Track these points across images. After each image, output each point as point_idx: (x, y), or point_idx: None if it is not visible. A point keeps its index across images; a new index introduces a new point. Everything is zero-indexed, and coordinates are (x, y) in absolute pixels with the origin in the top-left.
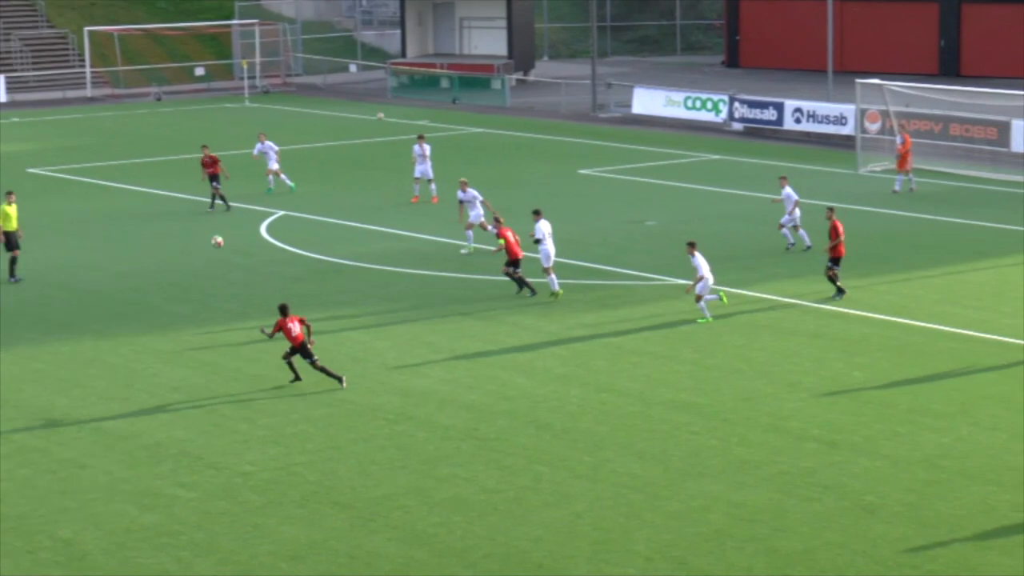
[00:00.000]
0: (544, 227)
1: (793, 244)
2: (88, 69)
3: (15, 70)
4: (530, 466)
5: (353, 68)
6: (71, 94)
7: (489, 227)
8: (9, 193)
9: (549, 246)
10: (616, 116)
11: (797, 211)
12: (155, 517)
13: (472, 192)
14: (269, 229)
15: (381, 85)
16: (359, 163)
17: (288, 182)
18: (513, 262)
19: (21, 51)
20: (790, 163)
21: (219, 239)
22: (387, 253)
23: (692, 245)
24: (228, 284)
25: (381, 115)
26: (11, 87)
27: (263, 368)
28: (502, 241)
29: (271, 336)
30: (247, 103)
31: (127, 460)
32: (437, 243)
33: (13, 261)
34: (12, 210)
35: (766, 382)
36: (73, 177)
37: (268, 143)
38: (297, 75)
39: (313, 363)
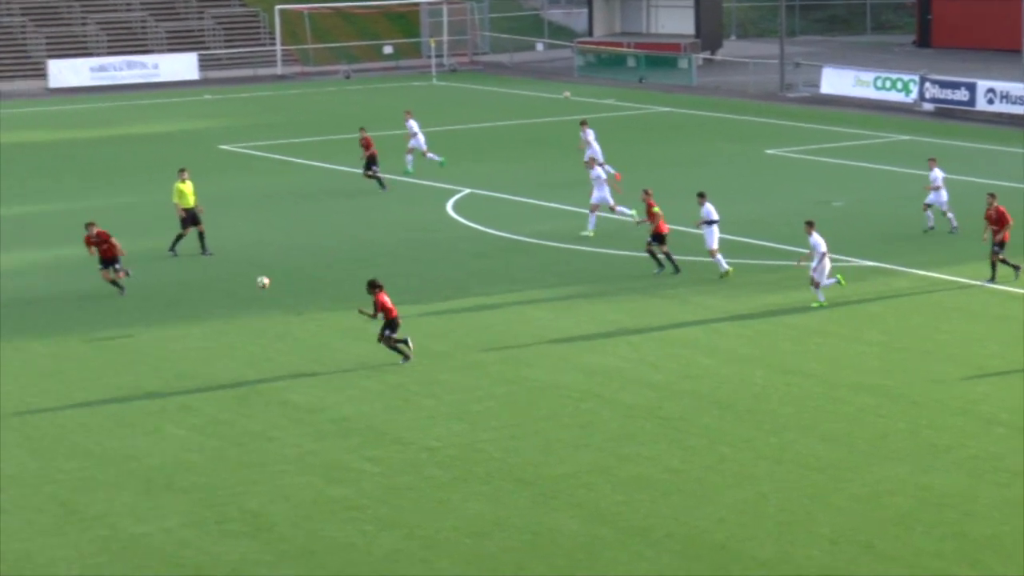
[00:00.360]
0: (711, 208)
1: (932, 227)
2: (279, 47)
3: (208, 48)
4: (714, 446)
5: (540, 47)
6: (261, 72)
7: (618, 209)
8: (181, 171)
9: (715, 228)
10: (804, 96)
11: (943, 193)
12: (342, 490)
13: (597, 171)
14: (455, 206)
15: (567, 64)
16: (544, 142)
17: (408, 166)
18: (658, 236)
19: (214, 29)
20: (982, 144)
21: (265, 281)
22: (570, 231)
23: (810, 224)
24: (412, 261)
25: (567, 94)
26: (203, 65)
27: (447, 344)
28: (658, 210)
29: (374, 316)
30: (434, 81)
31: (315, 434)
32: (618, 222)
33: (200, 236)
34: (187, 187)
35: (954, 365)
36: (262, 154)
37: (411, 122)
38: (484, 54)
39: (385, 336)
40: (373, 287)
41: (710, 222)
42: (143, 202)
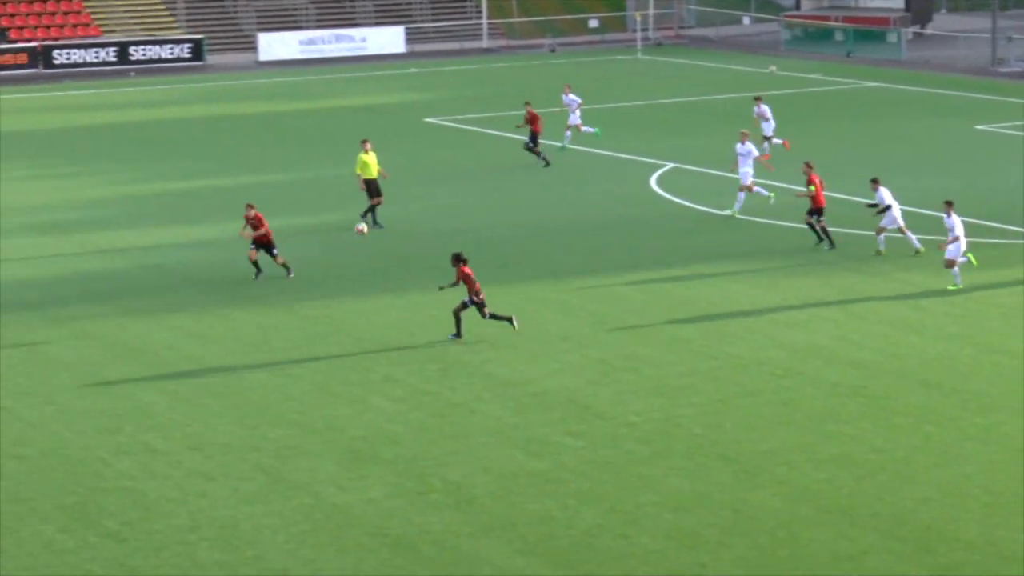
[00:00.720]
0: (886, 193)
1: None
2: (484, 21)
3: (414, 21)
4: (919, 426)
5: (746, 20)
6: (467, 45)
7: (755, 188)
8: (364, 141)
9: (895, 209)
10: (1016, 71)
11: None
12: (542, 464)
13: (749, 146)
14: (659, 181)
15: (774, 38)
16: (749, 116)
17: (591, 129)
18: (817, 210)
19: (421, 3)
20: None
21: (363, 227)
22: (774, 206)
23: (949, 204)
24: (618, 236)
25: (773, 68)
26: (410, 38)
27: (649, 319)
28: (812, 187)
29: (455, 284)
30: (639, 55)
31: (516, 407)
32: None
33: (372, 208)
34: (369, 158)
35: None
36: (467, 127)
37: (571, 96)
38: (690, 27)
39: (483, 311)
40: (458, 260)
41: (883, 209)
42: (349, 174)
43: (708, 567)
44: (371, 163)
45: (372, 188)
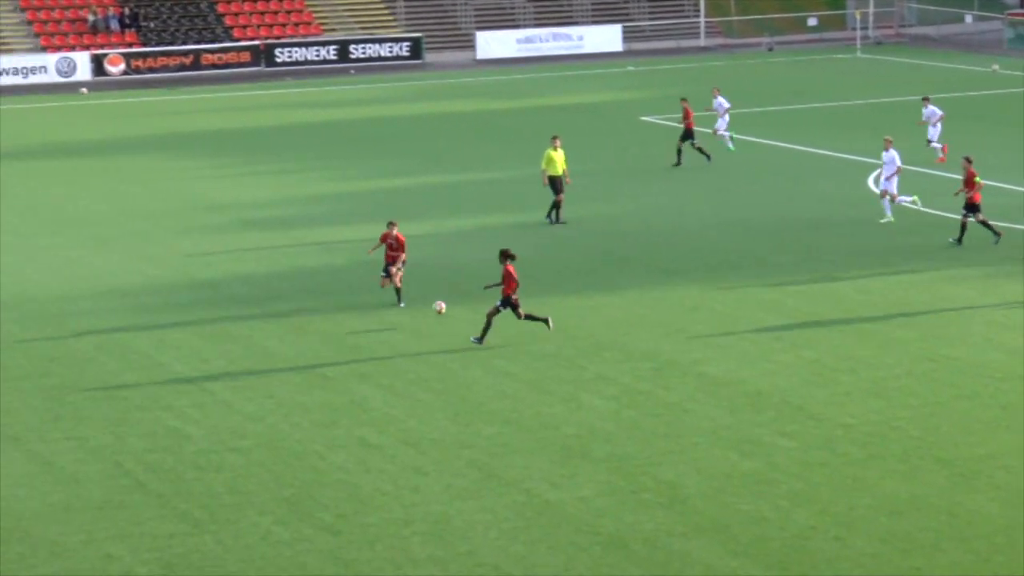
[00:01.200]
0: None
1: None
2: (702, 19)
3: (632, 19)
4: None
5: (968, 19)
6: (684, 43)
7: (900, 199)
8: (554, 138)
9: None
10: None
11: None
12: (755, 464)
13: (892, 154)
14: (877, 181)
15: (997, 36)
16: (972, 117)
17: (730, 144)
18: (971, 206)
19: (638, 1)
20: None
21: (441, 305)
22: (1003, 208)
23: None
24: (834, 236)
25: (995, 67)
26: (627, 36)
27: (862, 319)
28: (980, 180)
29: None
30: (858, 54)
31: (729, 406)
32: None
33: (557, 205)
34: (557, 155)
35: None
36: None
37: (720, 99)
38: (910, 26)
39: (496, 313)
40: (505, 257)
41: None
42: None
43: (923, 571)
44: (557, 160)
45: (556, 185)
